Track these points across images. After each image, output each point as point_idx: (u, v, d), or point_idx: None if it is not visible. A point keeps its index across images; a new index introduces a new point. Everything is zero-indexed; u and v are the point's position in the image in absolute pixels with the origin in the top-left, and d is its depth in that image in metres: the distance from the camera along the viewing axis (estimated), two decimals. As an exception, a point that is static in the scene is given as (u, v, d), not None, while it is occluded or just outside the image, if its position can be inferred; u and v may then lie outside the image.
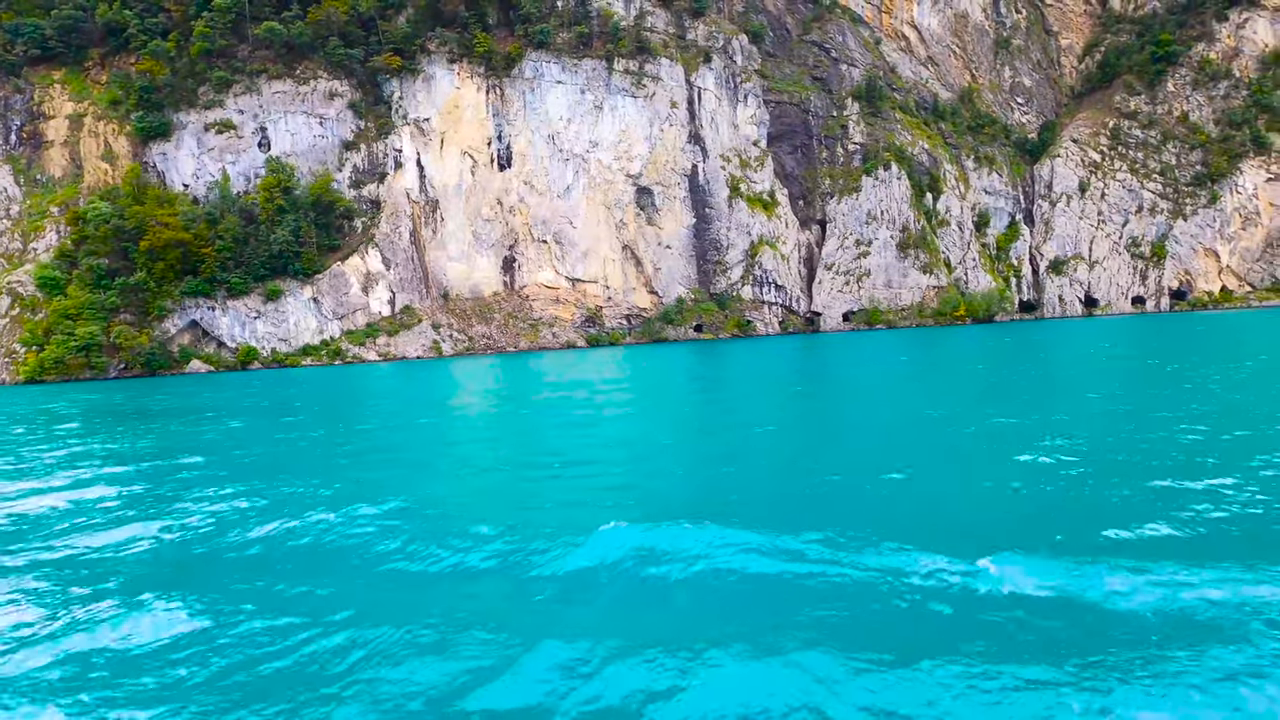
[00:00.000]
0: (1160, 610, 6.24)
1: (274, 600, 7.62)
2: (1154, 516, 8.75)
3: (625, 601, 7.15)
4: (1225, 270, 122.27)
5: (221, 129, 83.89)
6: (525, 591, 7.49)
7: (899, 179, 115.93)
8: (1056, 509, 9.54)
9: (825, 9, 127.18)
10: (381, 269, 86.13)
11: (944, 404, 21.90)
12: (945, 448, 14.58)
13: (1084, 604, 6.47)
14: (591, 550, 8.33)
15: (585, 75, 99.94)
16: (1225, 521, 8.46)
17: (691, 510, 9.69)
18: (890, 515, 9.60)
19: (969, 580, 7.04)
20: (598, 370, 44.98)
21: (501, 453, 17.21)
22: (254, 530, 10.28)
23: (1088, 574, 7.02)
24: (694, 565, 7.78)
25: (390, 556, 8.77)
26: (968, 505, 10.02)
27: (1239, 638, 5.70)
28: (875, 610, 6.61)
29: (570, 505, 10.65)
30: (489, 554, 8.62)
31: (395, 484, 13.12)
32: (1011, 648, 5.80)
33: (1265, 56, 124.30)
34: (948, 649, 5.83)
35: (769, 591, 7.16)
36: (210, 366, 73.07)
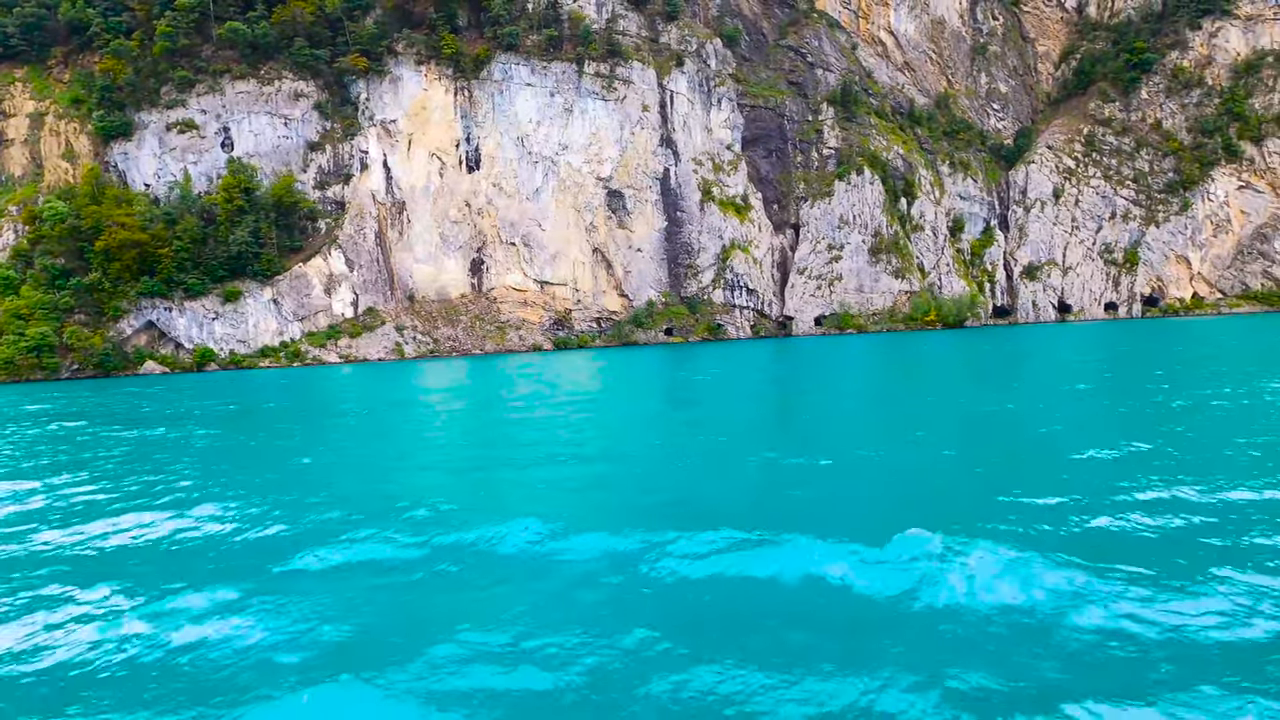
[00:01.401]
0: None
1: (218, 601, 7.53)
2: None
3: (589, 604, 7.17)
4: (1197, 277, 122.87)
5: (184, 129, 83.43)
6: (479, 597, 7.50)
7: (872, 184, 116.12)
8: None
9: (802, 14, 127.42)
10: (345, 270, 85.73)
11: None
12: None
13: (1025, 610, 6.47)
14: (570, 555, 8.39)
15: (555, 78, 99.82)
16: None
17: (650, 518, 9.66)
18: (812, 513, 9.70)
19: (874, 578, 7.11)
20: (544, 379, 44.73)
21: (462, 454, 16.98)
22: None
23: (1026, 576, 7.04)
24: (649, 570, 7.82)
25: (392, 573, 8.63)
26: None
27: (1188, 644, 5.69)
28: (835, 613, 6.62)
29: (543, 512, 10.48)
30: (445, 548, 8.68)
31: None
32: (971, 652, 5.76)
33: (1237, 65, 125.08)
34: (896, 650, 5.82)
35: (734, 595, 7.15)
36: (165, 368, 72.55)
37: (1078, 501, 9.63)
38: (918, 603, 6.66)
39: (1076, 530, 8.49)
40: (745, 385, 32.77)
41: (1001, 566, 7.19)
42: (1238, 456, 12.09)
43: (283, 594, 7.64)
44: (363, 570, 8.38)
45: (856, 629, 6.27)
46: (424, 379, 47.29)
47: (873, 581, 7.13)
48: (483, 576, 8.07)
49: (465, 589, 7.71)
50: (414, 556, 8.72)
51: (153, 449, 19.72)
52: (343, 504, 11.68)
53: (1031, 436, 15.31)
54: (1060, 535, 8.31)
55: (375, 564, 8.58)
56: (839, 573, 7.33)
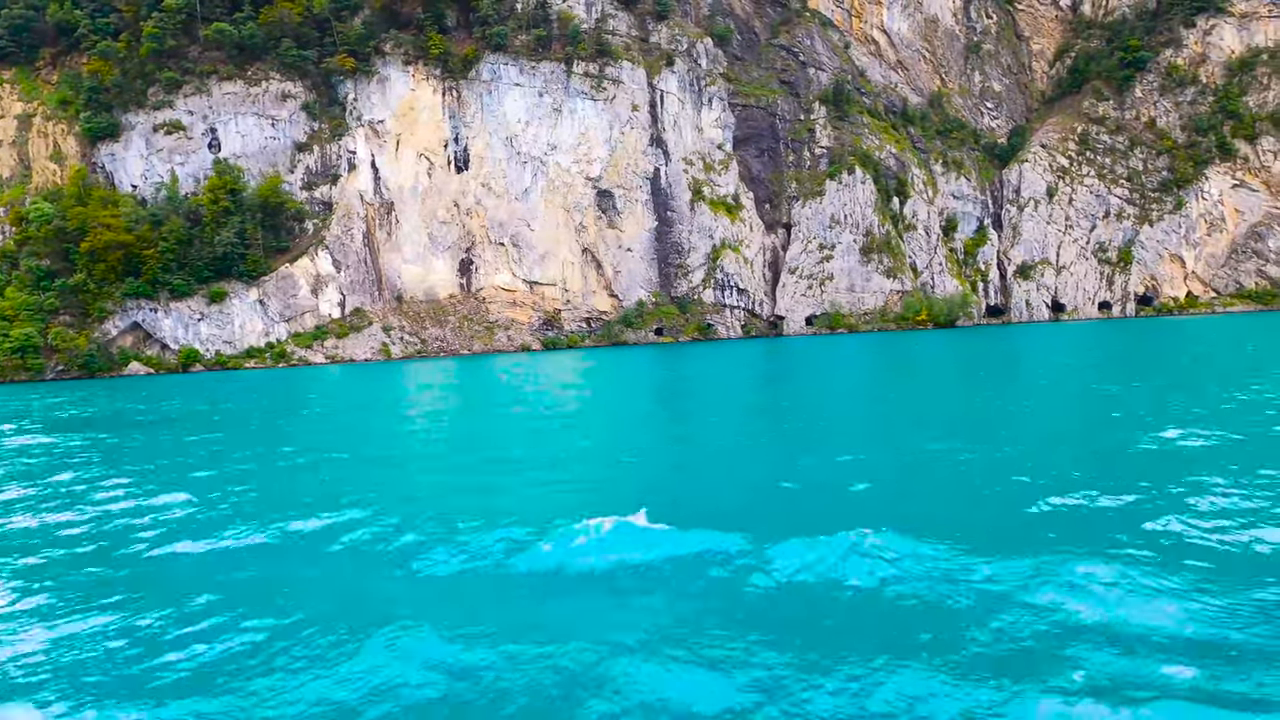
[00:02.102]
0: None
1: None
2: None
3: (594, 601, 7.25)
4: (1191, 276, 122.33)
5: (170, 130, 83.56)
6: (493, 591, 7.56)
7: (863, 183, 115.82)
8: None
9: (794, 13, 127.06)
10: (332, 271, 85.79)
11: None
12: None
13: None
14: (562, 552, 8.44)
15: (544, 78, 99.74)
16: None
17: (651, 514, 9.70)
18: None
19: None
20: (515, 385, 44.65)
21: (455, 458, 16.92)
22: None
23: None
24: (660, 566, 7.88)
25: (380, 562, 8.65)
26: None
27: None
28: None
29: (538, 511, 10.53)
30: (466, 554, 8.72)
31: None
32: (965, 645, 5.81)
33: (1231, 63, 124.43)
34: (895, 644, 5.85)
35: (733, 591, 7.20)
36: (150, 369, 72.70)
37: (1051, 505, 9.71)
38: (903, 601, 6.74)
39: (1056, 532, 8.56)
40: (727, 391, 32.68)
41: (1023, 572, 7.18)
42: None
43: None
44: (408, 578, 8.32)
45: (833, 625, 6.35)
46: (401, 380, 47.28)
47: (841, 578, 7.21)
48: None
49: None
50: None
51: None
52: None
53: (996, 446, 15.20)
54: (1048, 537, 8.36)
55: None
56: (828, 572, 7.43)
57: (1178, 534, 8.06)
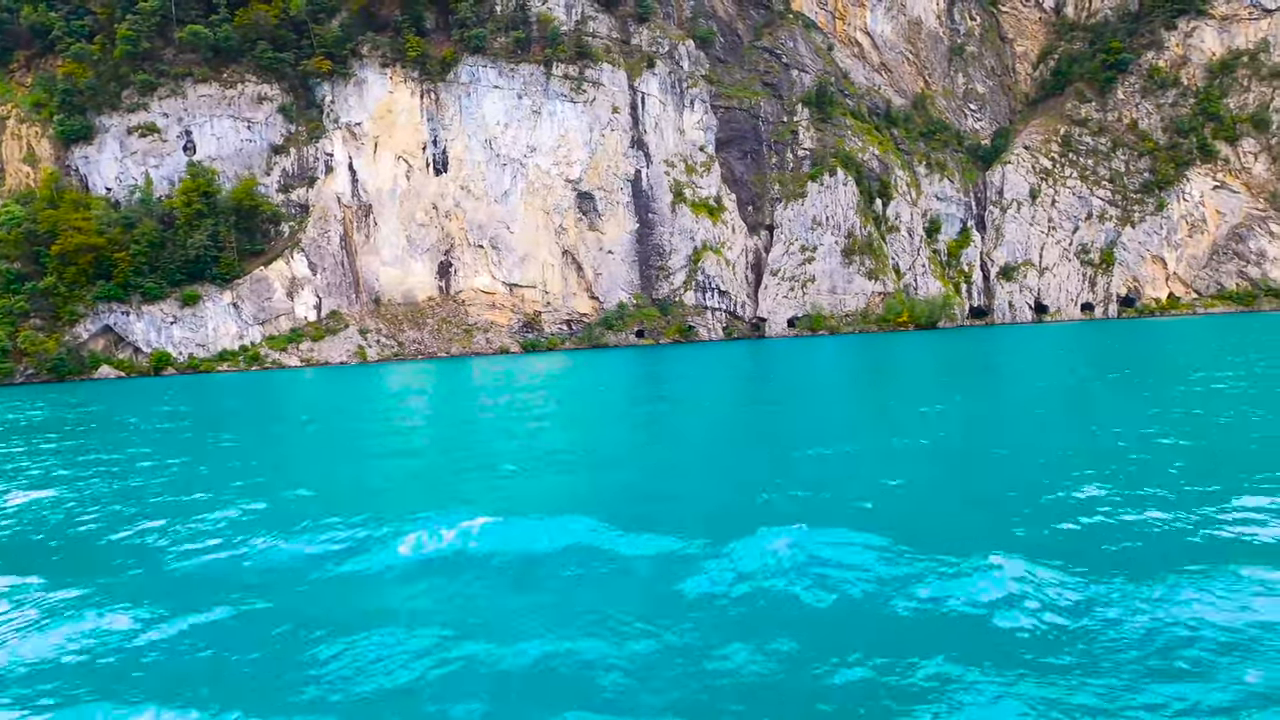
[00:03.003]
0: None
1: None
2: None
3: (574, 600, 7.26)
4: (1172, 277, 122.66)
5: (145, 132, 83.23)
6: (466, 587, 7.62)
7: (845, 185, 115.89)
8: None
9: (777, 15, 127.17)
10: (308, 273, 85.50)
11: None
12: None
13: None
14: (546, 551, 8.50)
15: (523, 80, 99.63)
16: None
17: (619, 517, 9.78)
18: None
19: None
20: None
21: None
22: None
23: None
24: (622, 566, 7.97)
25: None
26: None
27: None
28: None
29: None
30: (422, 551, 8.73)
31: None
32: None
33: (1212, 65, 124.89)
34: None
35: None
36: (121, 372, 72.33)
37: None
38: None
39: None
40: (686, 392, 32.54)
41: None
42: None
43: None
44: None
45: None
46: (366, 382, 47.06)
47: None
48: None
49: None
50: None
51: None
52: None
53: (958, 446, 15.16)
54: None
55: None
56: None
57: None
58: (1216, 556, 7.09)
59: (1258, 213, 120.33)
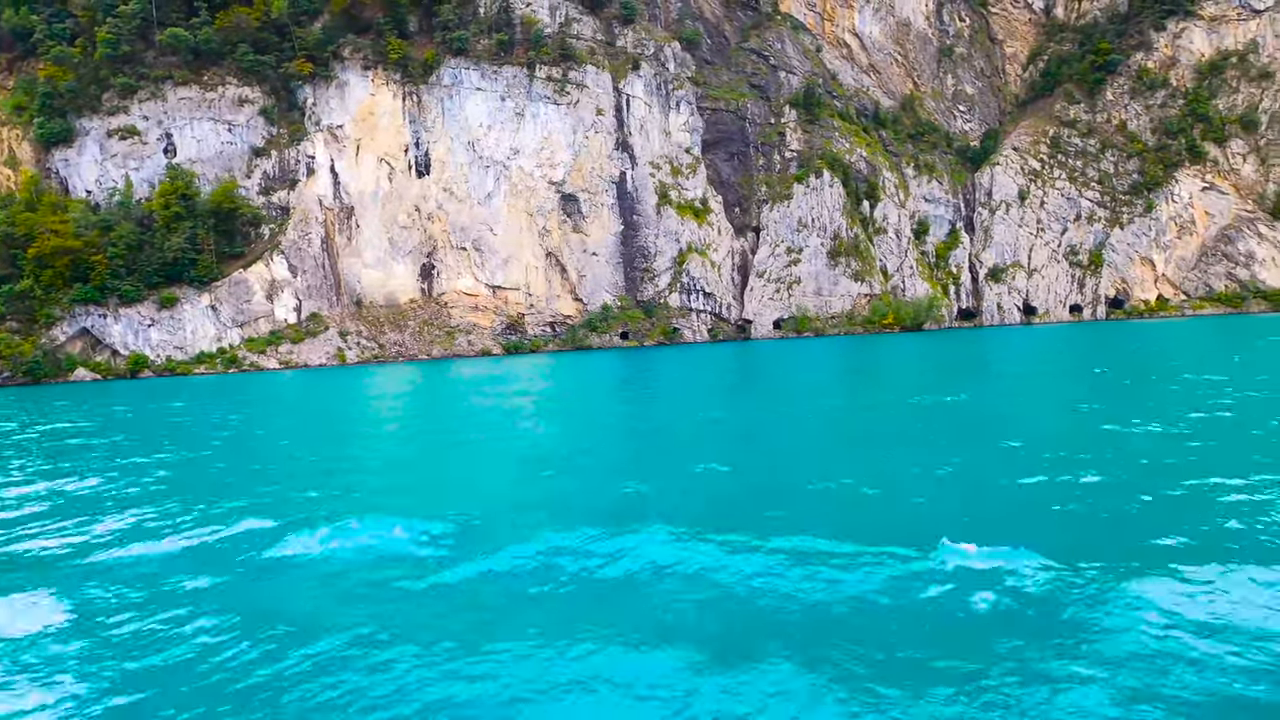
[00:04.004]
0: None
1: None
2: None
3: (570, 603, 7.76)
4: (1161, 279, 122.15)
5: (125, 135, 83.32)
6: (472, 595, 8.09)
7: (831, 186, 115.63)
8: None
9: (765, 16, 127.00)
10: (288, 276, 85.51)
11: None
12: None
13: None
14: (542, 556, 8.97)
15: (506, 82, 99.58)
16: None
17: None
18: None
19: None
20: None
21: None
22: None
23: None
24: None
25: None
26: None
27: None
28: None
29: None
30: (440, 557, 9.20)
31: None
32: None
33: (1201, 66, 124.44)
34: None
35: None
36: (97, 375, 72.39)
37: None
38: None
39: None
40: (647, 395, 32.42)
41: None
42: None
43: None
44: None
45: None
46: (325, 386, 46.98)
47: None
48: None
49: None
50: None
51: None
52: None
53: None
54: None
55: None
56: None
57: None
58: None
59: (1246, 214, 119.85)
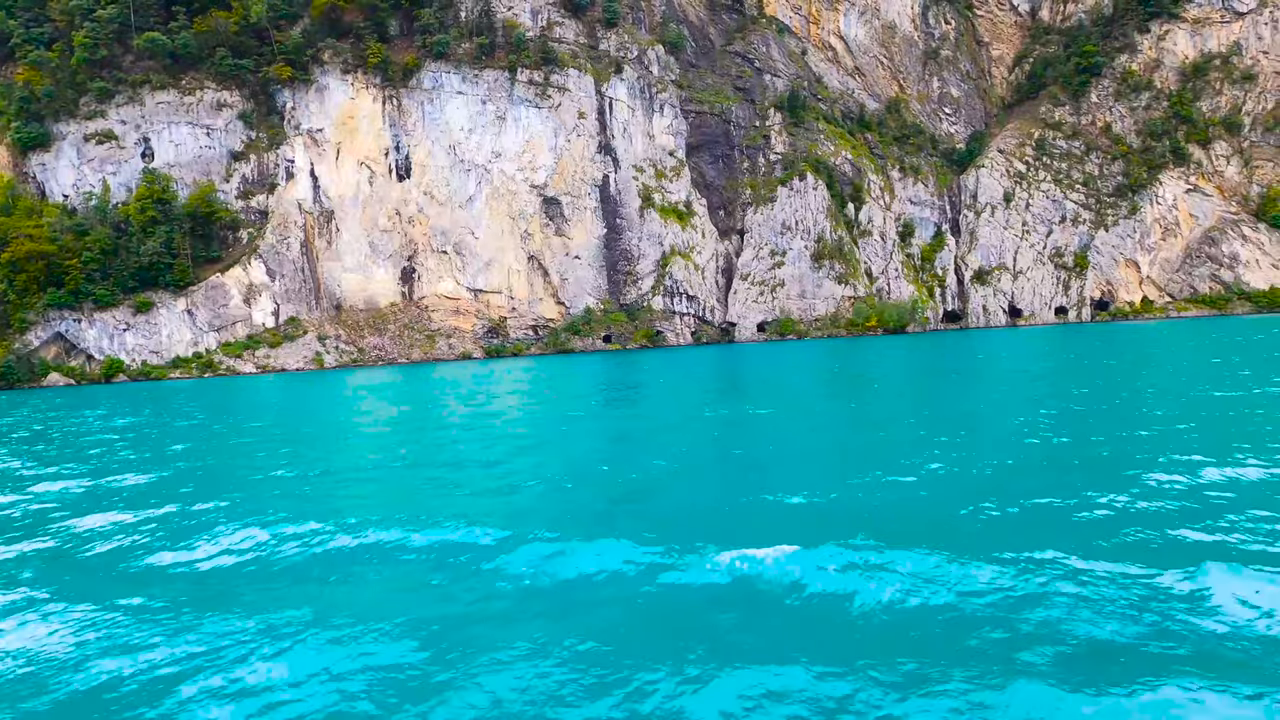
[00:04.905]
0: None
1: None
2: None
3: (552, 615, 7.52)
4: (1146, 281, 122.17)
5: (102, 139, 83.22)
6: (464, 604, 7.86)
7: (815, 189, 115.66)
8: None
9: (750, 20, 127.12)
10: (265, 280, 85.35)
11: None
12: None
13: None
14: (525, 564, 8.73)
15: (487, 86, 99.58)
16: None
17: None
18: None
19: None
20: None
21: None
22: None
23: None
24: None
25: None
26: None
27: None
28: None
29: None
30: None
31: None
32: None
33: (1185, 68, 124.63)
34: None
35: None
36: (71, 379, 72.16)
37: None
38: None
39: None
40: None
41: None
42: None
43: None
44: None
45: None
46: (285, 390, 46.79)
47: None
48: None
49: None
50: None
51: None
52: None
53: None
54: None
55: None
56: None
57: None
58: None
59: (1230, 216, 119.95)
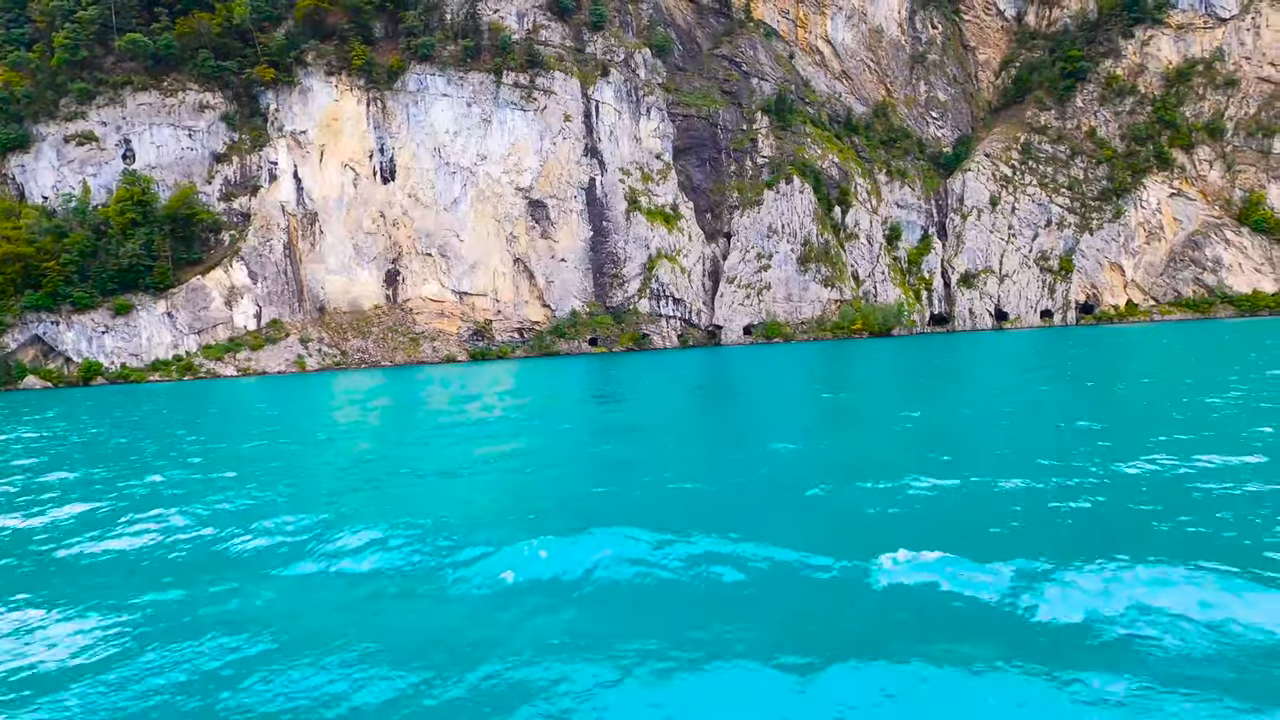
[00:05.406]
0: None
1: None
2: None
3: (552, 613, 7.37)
4: (1130, 284, 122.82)
5: (82, 141, 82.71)
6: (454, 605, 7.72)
7: (801, 192, 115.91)
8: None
9: (738, 23, 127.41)
10: (247, 282, 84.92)
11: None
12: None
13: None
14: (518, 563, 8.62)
15: (472, 88, 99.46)
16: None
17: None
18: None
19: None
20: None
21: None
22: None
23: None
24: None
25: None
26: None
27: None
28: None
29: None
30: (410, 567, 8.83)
31: None
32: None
33: (1168, 73, 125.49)
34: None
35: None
36: (48, 382, 71.58)
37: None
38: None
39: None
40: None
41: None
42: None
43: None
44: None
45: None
46: (255, 395, 46.49)
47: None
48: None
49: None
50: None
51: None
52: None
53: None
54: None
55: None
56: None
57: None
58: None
59: (1213, 220, 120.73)
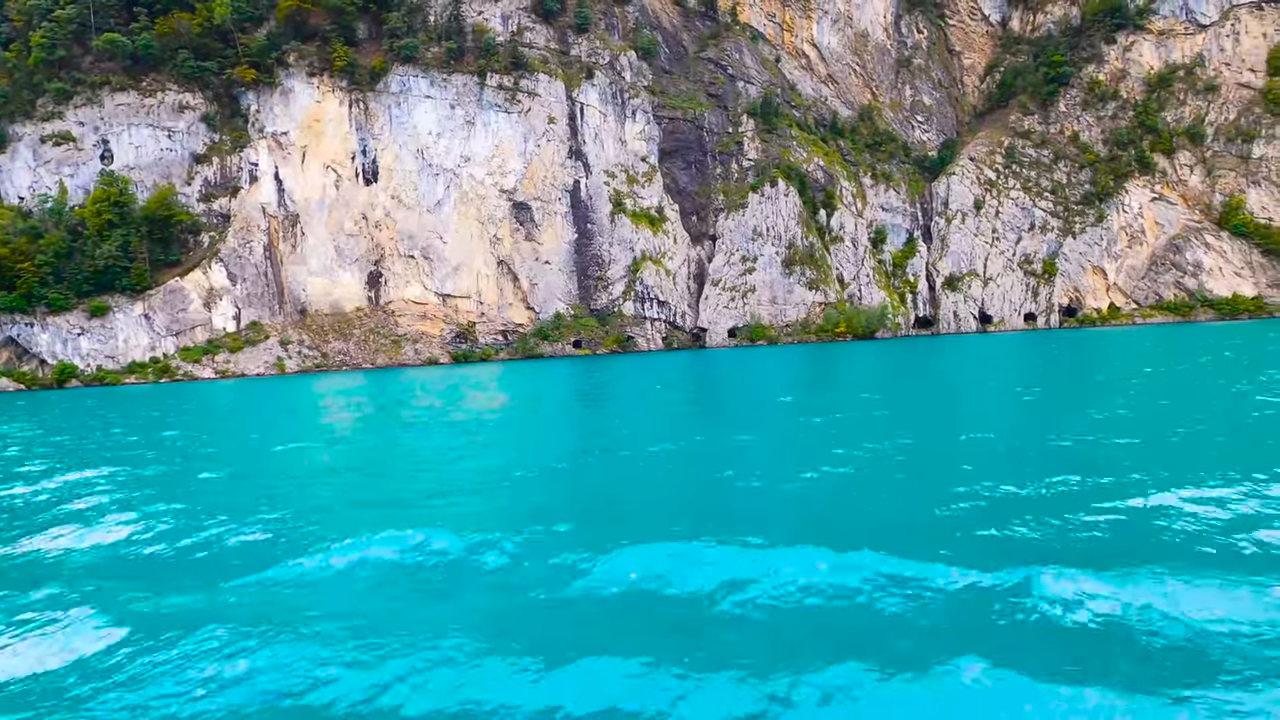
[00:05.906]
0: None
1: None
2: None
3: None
4: (1113, 288, 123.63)
5: (60, 141, 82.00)
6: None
7: (786, 195, 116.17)
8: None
9: (724, 27, 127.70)
10: (226, 284, 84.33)
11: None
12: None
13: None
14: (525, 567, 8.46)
15: (456, 90, 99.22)
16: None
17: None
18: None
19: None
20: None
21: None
22: None
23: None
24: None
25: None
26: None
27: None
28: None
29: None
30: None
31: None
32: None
33: (1150, 79, 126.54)
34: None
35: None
36: (21, 385, 70.82)
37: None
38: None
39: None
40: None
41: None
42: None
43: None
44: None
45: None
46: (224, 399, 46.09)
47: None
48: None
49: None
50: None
51: None
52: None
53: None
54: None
55: None
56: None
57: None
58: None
59: (1194, 224, 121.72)
